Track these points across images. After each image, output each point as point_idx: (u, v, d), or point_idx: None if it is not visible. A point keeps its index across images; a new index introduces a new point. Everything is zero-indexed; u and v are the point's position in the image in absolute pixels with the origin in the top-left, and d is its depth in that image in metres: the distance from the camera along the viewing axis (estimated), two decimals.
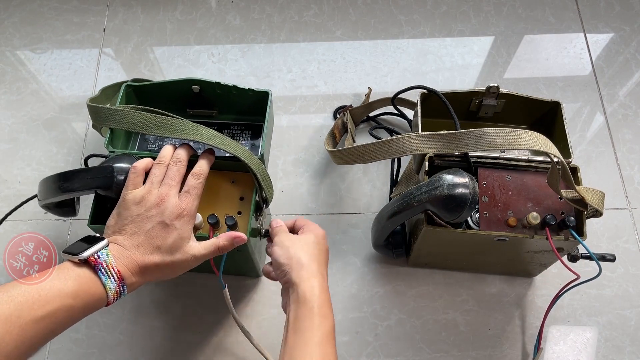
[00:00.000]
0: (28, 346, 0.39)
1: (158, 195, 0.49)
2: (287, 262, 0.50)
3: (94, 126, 0.74)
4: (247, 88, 0.65)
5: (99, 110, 0.56)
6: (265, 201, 0.59)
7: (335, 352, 0.46)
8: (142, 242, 0.47)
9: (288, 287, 0.50)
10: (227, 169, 0.59)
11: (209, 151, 0.55)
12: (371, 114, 0.84)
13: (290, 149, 0.82)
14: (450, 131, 0.57)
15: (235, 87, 0.65)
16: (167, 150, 0.53)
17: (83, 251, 0.43)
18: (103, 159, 0.56)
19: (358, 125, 0.84)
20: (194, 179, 0.51)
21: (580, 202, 0.55)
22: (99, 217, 0.56)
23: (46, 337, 0.40)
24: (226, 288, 0.57)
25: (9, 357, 0.37)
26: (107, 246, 0.45)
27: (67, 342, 0.69)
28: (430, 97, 0.66)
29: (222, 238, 0.51)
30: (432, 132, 0.58)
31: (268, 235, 0.58)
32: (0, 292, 0.39)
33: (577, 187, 0.54)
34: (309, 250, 0.52)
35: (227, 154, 0.55)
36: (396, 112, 0.82)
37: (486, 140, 0.55)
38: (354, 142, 0.79)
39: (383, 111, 0.84)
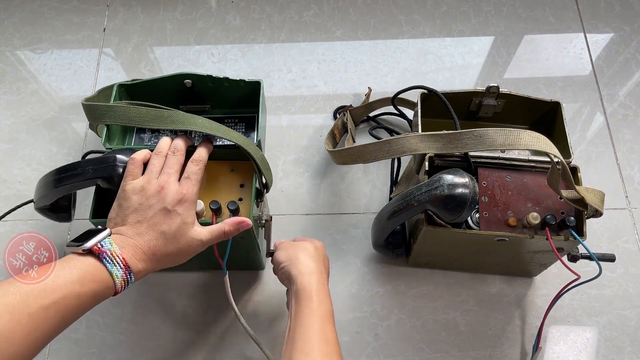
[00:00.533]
0: (38, 336, 0.38)
1: (158, 184, 0.49)
2: (287, 260, 0.56)
3: (91, 127, 0.74)
4: (238, 79, 0.65)
5: (94, 108, 0.57)
6: (266, 186, 0.59)
7: (334, 332, 0.50)
8: (146, 229, 0.47)
9: (290, 284, 0.54)
10: (226, 158, 0.59)
11: (207, 140, 0.55)
12: (371, 114, 0.84)
13: (290, 149, 0.82)
14: (450, 131, 0.57)
15: (227, 78, 0.65)
16: (164, 141, 0.53)
17: (86, 241, 0.43)
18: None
19: (358, 125, 0.84)
20: (193, 165, 0.51)
21: (580, 202, 0.55)
22: (100, 211, 0.56)
23: (57, 326, 0.40)
24: (227, 275, 0.57)
25: (20, 347, 0.37)
26: (110, 235, 0.45)
27: (67, 342, 0.69)
28: (430, 97, 0.66)
29: (228, 223, 0.51)
30: (432, 132, 0.58)
31: (271, 255, 0.61)
32: (5, 284, 0.39)
33: (577, 187, 0.54)
34: (307, 252, 0.57)
35: (225, 142, 0.55)
36: (396, 112, 0.82)
37: (486, 140, 0.55)
38: (354, 142, 0.79)
39: (383, 111, 0.84)
